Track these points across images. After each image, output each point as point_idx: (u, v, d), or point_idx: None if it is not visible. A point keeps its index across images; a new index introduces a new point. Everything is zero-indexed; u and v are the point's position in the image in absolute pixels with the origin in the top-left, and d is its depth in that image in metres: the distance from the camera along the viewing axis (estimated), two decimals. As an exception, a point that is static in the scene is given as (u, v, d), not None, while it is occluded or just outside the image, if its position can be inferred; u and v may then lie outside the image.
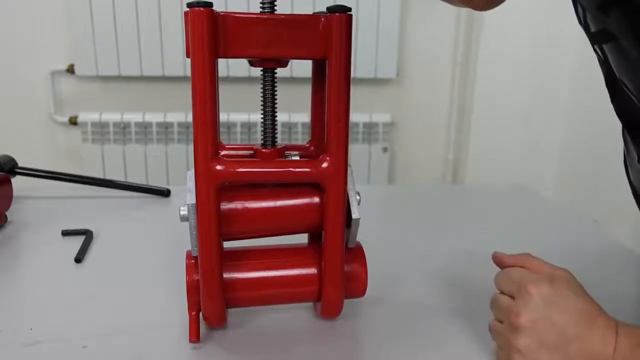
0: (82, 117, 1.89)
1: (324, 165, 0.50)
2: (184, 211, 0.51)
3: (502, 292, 0.51)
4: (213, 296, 0.52)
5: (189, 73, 0.56)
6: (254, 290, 0.55)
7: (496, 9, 0.54)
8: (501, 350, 0.50)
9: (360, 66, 1.91)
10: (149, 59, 1.84)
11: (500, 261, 0.54)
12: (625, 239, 0.85)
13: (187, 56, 0.48)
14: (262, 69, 0.52)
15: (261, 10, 0.49)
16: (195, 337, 0.53)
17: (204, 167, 0.48)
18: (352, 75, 0.50)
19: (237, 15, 0.47)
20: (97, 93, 1.93)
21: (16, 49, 1.86)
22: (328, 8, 0.48)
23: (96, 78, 1.90)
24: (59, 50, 1.87)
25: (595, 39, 0.54)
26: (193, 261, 0.53)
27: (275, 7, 0.50)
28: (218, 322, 0.54)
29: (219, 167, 0.49)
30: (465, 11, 1.95)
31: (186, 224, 0.51)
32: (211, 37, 0.46)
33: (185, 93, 2.06)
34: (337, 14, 0.47)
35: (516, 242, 0.79)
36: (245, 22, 0.47)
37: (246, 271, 0.54)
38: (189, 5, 0.46)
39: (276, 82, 0.53)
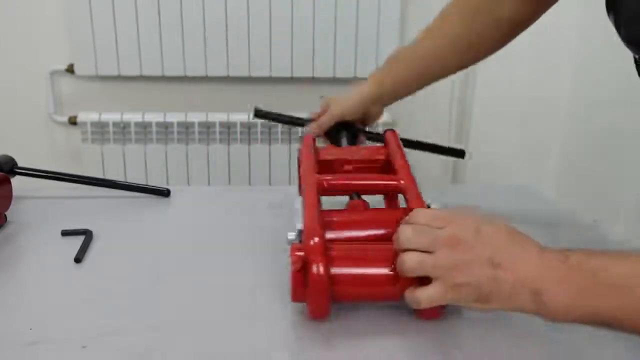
0: (82, 117, 1.88)
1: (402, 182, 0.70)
2: (291, 236, 0.56)
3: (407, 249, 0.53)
4: (320, 291, 0.54)
5: (188, 73, 0.56)
6: (358, 286, 0.57)
7: None
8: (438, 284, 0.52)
9: (360, 66, 1.90)
10: (149, 59, 1.84)
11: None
12: (625, 239, 0.85)
13: None
14: None
15: None
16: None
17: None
18: (351, 75, 0.50)
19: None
20: (97, 93, 1.93)
21: (16, 49, 1.86)
22: None
23: (96, 78, 1.90)
24: (59, 50, 1.87)
25: None
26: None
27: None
28: (322, 315, 0.57)
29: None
30: (465, 11, 1.95)
31: (186, 224, 0.52)
32: None
33: (185, 93, 2.06)
34: None
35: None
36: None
37: (351, 267, 0.57)
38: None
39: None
